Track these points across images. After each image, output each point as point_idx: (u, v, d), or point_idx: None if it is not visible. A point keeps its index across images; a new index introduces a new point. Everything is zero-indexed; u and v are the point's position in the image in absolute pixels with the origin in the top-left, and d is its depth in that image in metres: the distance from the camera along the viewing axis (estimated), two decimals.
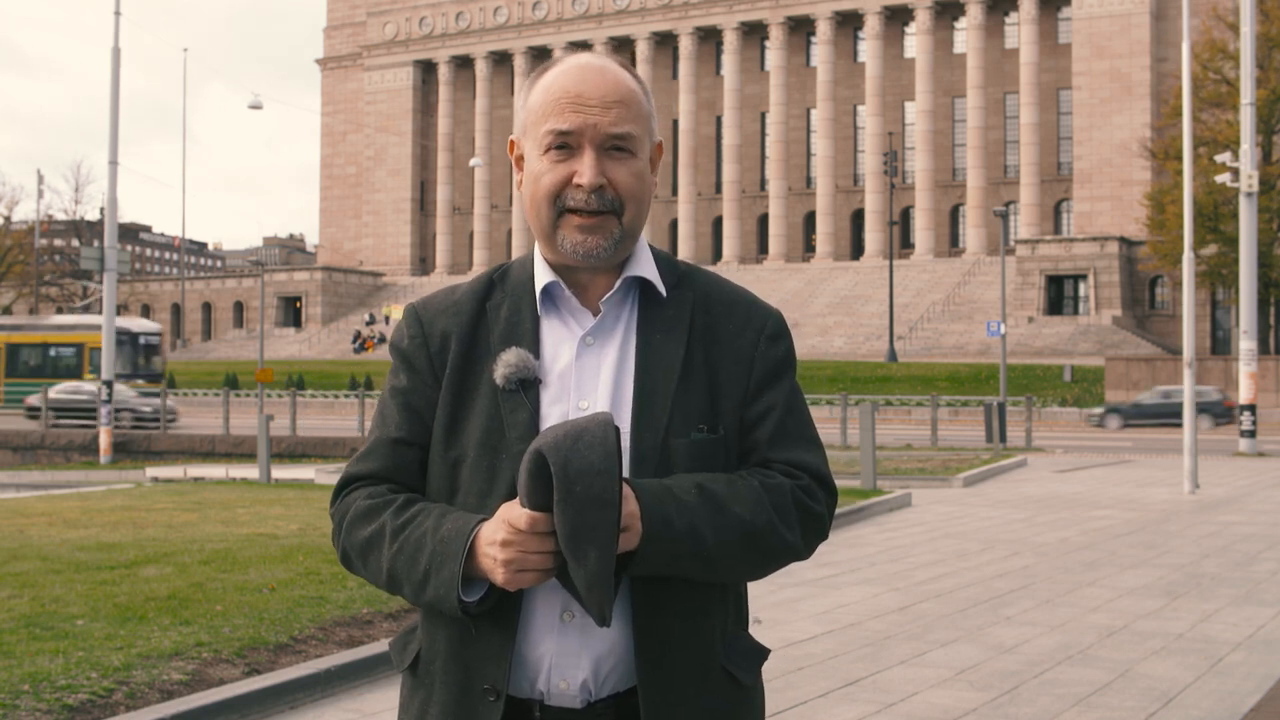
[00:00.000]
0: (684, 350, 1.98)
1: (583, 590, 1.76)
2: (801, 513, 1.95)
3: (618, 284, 1.99)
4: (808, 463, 1.99)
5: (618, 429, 1.76)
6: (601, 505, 1.72)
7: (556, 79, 1.98)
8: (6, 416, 42.75)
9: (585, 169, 1.93)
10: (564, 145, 1.95)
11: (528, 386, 1.93)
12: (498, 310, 2.02)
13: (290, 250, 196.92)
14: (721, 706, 1.97)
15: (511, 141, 2.07)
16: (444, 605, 1.86)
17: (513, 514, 1.79)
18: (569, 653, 1.90)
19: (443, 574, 1.84)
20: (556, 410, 1.93)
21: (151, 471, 26.69)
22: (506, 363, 1.93)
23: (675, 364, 1.96)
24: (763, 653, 2.08)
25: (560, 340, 1.98)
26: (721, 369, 1.99)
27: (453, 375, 1.99)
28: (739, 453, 1.99)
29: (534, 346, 1.96)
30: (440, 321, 2.03)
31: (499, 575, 1.80)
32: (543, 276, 2.00)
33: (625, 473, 1.88)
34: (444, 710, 1.95)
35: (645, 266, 2.02)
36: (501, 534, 1.79)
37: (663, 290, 2.02)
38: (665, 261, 2.06)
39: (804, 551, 1.98)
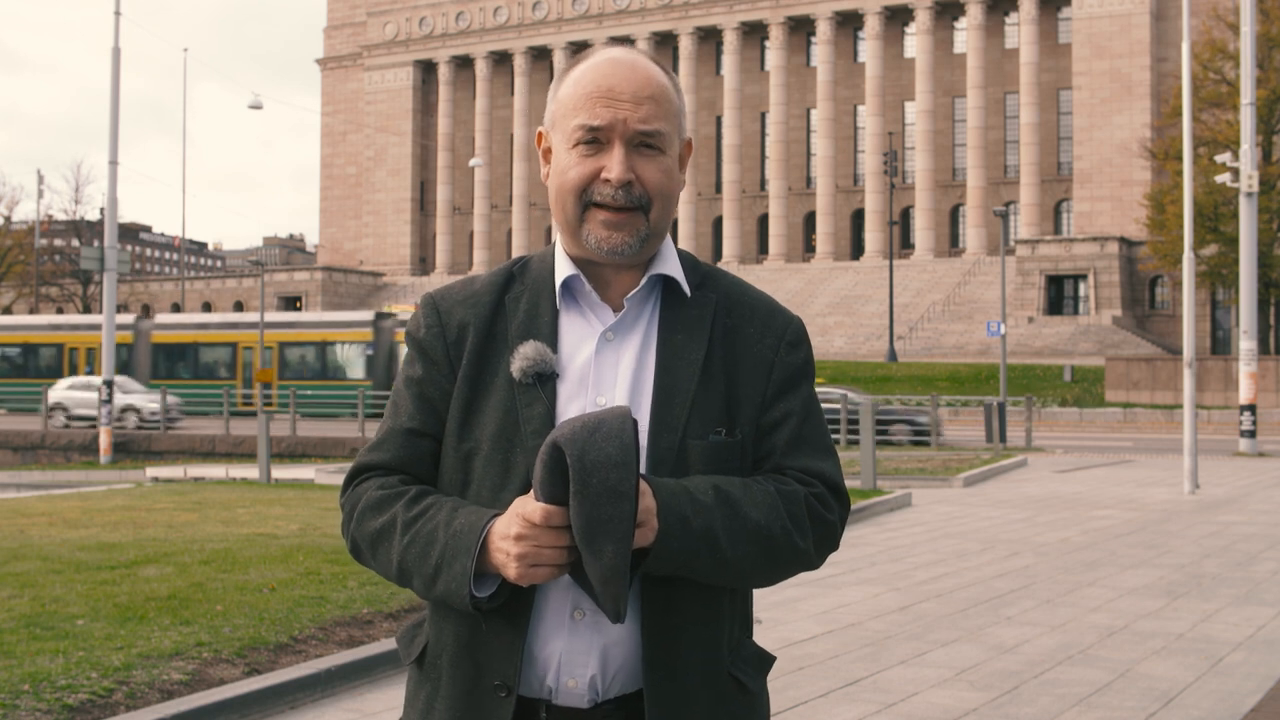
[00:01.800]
0: (704, 352, 1.96)
1: (598, 585, 1.75)
2: (814, 521, 1.94)
3: (643, 281, 1.98)
4: (822, 471, 1.98)
5: (635, 422, 1.75)
6: (618, 498, 1.71)
7: (587, 73, 1.96)
8: None
9: (614, 164, 1.91)
10: (594, 140, 1.93)
11: (544, 380, 1.92)
12: (517, 303, 2.00)
13: (290, 250, 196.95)
14: (727, 711, 1.96)
15: (540, 133, 2.05)
16: (455, 600, 1.84)
17: (527, 508, 1.78)
18: (578, 651, 1.89)
19: (454, 568, 1.83)
20: (574, 405, 1.91)
21: (152, 471, 26.69)
22: (524, 356, 1.91)
23: (696, 365, 1.95)
24: (768, 659, 2.07)
25: (580, 335, 1.97)
26: (741, 373, 1.98)
27: (469, 367, 1.97)
28: (754, 458, 1.98)
29: (552, 340, 1.95)
30: (458, 312, 2.01)
31: (511, 570, 1.78)
32: (563, 270, 1.99)
33: (641, 469, 1.88)
34: (452, 705, 1.94)
35: (671, 265, 2.01)
36: (515, 528, 1.78)
37: (687, 290, 2.00)
38: (688, 262, 2.05)
39: (815, 560, 1.97)
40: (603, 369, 1.94)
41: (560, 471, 1.73)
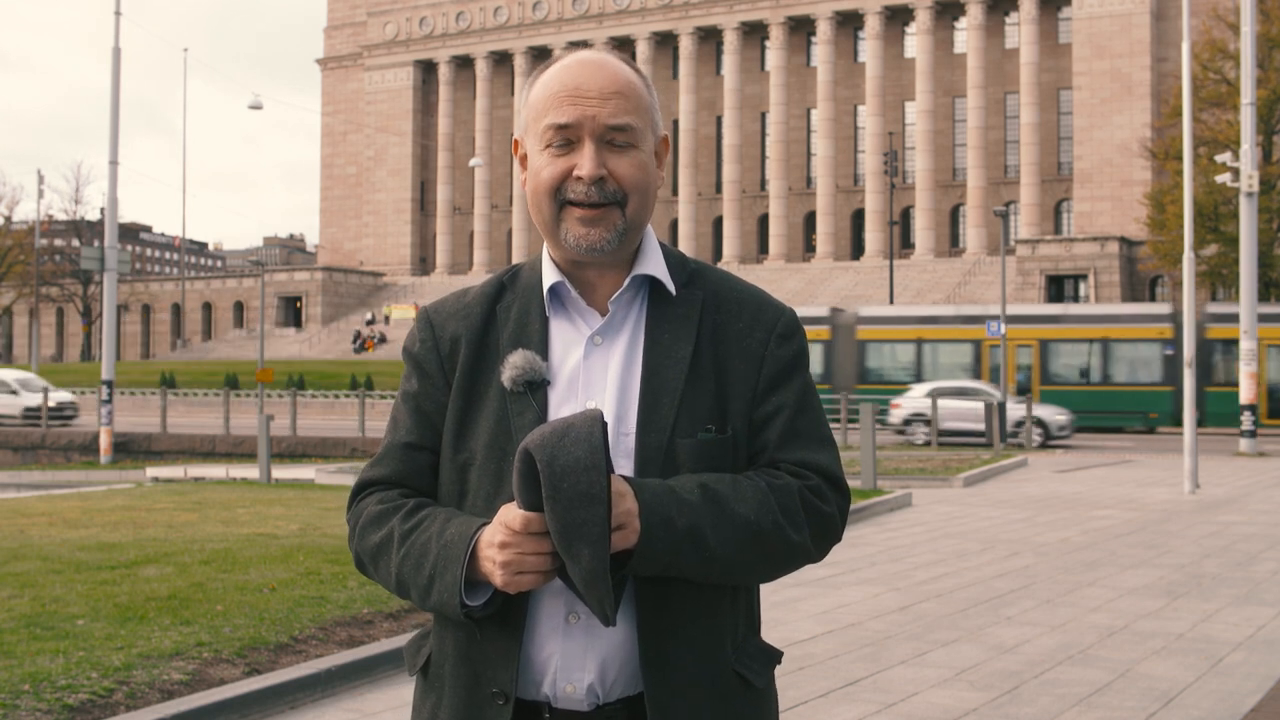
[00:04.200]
0: (692, 349, 1.96)
1: (581, 588, 1.75)
2: (810, 513, 1.93)
3: (626, 283, 1.98)
4: (818, 463, 1.97)
5: (605, 424, 1.75)
6: (589, 501, 1.71)
7: (555, 75, 1.97)
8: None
9: (585, 161, 1.92)
10: (564, 140, 1.93)
11: (535, 388, 1.93)
12: (507, 312, 2.01)
13: (290, 250, 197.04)
14: (733, 709, 1.95)
15: (515, 141, 2.06)
16: (448, 610, 1.86)
17: (508, 516, 1.79)
18: (574, 655, 1.89)
19: (446, 579, 1.84)
20: (565, 411, 1.92)
21: (152, 471, 26.70)
22: (513, 365, 1.92)
23: (683, 364, 1.95)
24: (775, 656, 2.06)
25: (569, 341, 1.97)
26: (730, 369, 1.97)
27: (462, 378, 1.99)
28: (749, 454, 1.97)
29: (542, 348, 1.96)
30: (451, 325, 2.03)
31: (498, 578, 1.80)
32: (550, 277, 1.99)
33: (631, 473, 1.88)
34: (454, 714, 1.95)
35: (655, 265, 2.01)
36: (499, 536, 1.79)
37: (672, 289, 2.00)
38: (675, 259, 2.04)
39: (815, 553, 1.96)
40: (592, 373, 1.95)
41: (534, 478, 1.74)
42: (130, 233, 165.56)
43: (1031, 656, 7.33)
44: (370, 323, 78.45)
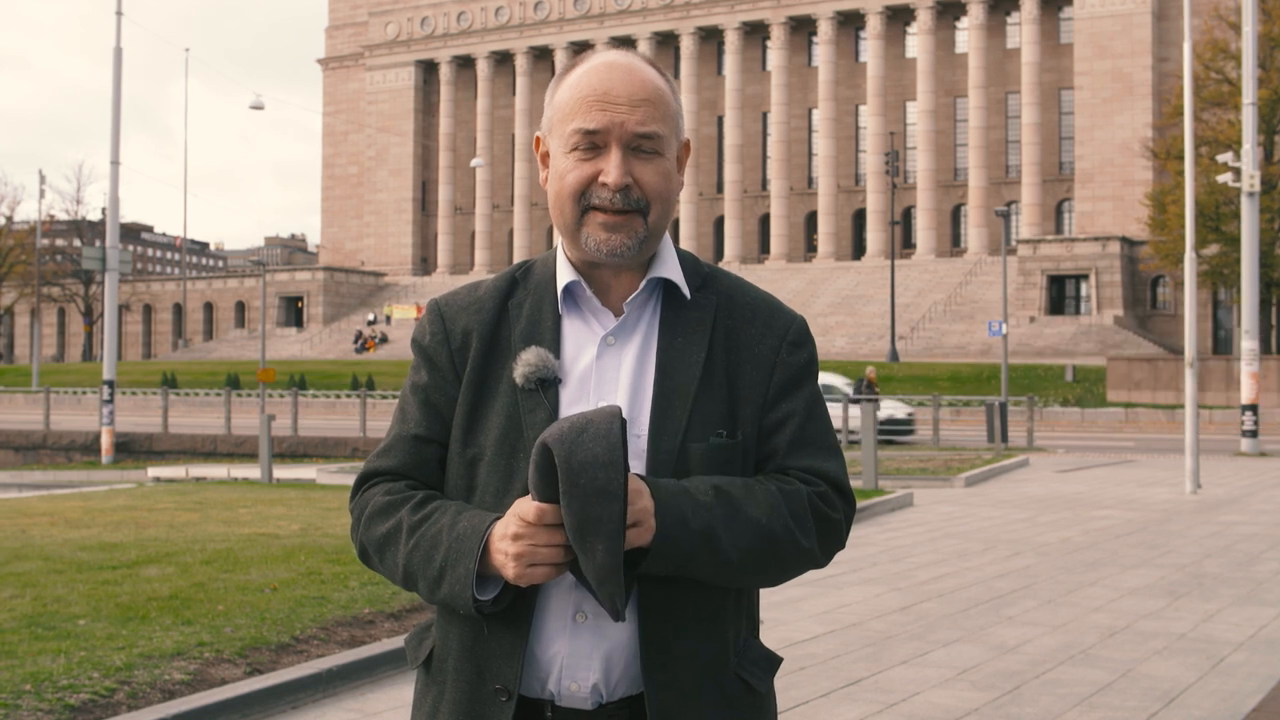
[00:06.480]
0: (705, 354, 1.97)
1: (594, 583, 1.76)
2: (818, 520, 1.94)
3: (642, 285, 1.98)
4: (826, 470, 1.98)
5: (624, 421, 1.76)
6: (606, 498, 1.72)
7: (583, 77, 1.97)
8: None
9: (611, 168, 1.92)
10: (591, 144, 1.93)
11: (547, 386, 1.93)
12: (520, 308, 2.01)
13: (292, 250, 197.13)
14: (734, 713, 1.96)
15: (537, 138, 2.06)
16: (458, 603, 1.86)
17: (522, 508, 1.79)
18: (580, 654, 1.89)
19: (458, 571, 1.84)
20: (576, 410, 1.91)
21: (153, 471, 26.70)
22: (526, 362, 1.93)
23: (696, 368, 1.96)
24: (775, 660, 2.07)
25: (581, 340, 1.97)
26: (742, 374, 1.98)
27: (473, 373, 1.99)
28: (757, 459, 1.98)
29: (555, 346, 1.96)
30: (462, 319, 2.02)
31: (510, 570, 1.80)
32: (565, 275, 1.99)
33: (642, 472, 1.89)
34: (455, 709, 1.95)
35: (670, 268, 2.01)
36: (512, 528, 1.79)
37: (687, 293, 2.01)
38: (689, 263, 2.05)
39: (821, 559, 1.97)
40: (604, 373, 1.95)
41: (550, 472, 1.75)
42: (131, 233, 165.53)
43: (1033, 656, 7.33)
44: (372, 323, 78.45)
